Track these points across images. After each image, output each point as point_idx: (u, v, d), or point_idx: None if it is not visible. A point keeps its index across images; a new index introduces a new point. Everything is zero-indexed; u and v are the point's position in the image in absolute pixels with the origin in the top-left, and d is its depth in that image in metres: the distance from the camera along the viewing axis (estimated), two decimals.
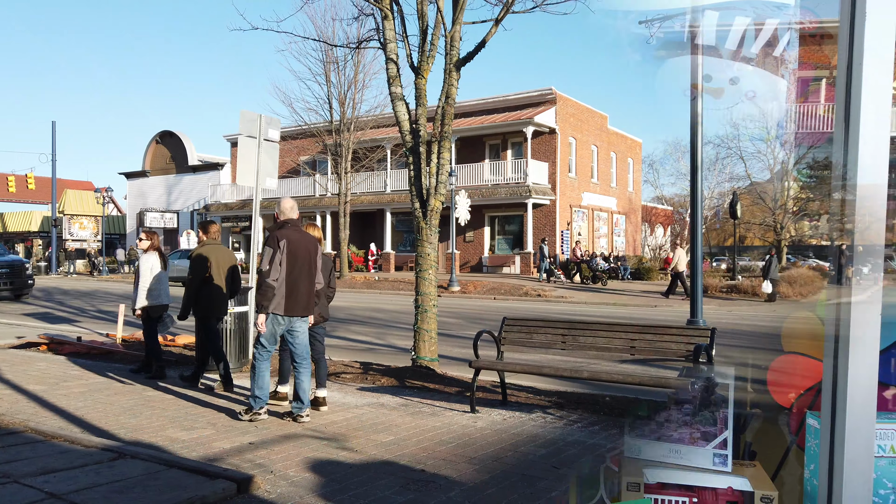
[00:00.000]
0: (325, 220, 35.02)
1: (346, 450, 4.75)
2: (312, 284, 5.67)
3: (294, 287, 5.50)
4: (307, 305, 5.64)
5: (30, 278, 20.27)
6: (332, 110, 27.50)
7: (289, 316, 5.53)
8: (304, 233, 5.73)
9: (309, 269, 5.62)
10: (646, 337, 5.85)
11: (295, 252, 5.50)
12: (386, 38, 7.93)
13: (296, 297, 5.52)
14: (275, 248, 5.42)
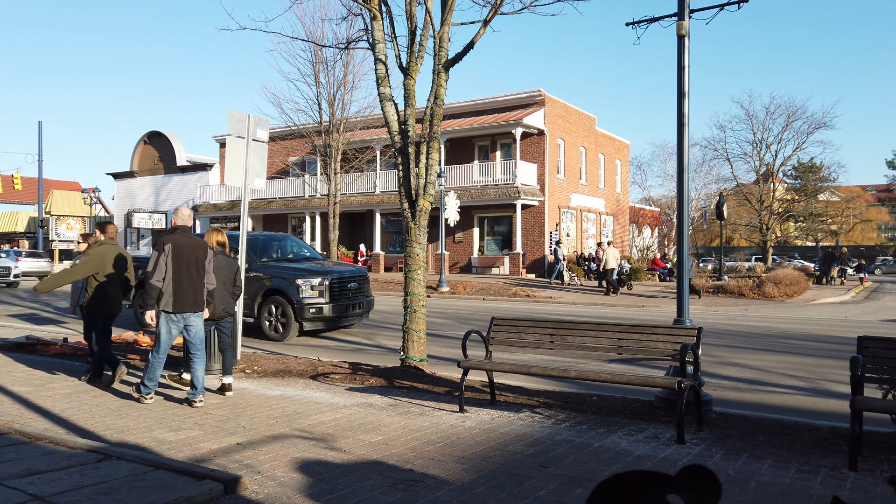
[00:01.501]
0: (315, 220, 34.91)
1: (334, 450, 4.75)
2: (201, 284, 6.27)
3: (181, 286, 6.10)
4: (196, 302, 6.22)
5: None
6: (321, 111, 27.40)
7: (178, 312, 6.12)
8: (193, 237, 6.36)
9: (197, 270, 6.23)
10: (633, 336, 5.88)
11: (180, 255, 6.12)
12: (375, 39, 7.93)
13: (183, 296, 6.12)
14: (160, 252, 6.08)
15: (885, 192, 76.39)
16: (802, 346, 11.19)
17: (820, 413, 6.38)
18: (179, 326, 6.18)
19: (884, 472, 4.35)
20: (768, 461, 4.56)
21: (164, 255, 6.05)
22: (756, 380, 8.17)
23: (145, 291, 6.06)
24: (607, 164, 37.62)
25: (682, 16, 5.94)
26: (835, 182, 52.30)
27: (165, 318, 6.10)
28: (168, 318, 6.10)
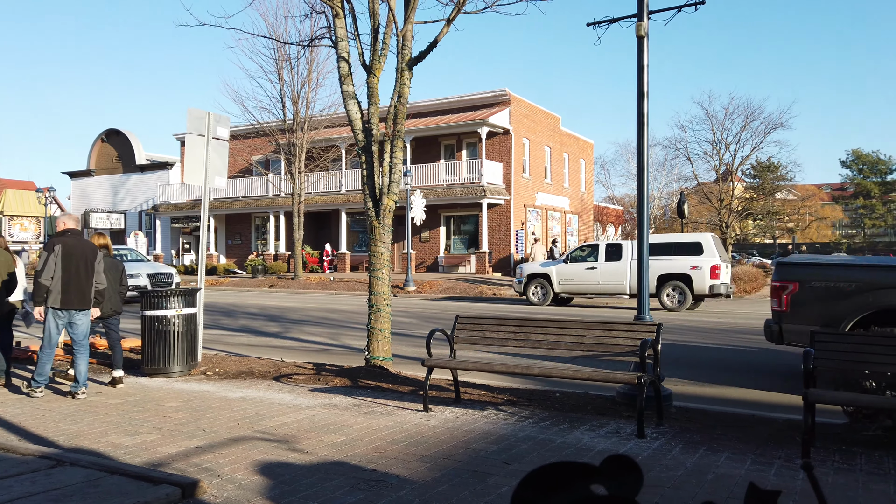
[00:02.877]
0: (279, 220, 34.51)
1: (296, 451, 4.70)
2: (89, 283, 6.61)
3: (68, 285, 6.43)
4: (83, 300, 6.57)
5: None
6: (284, 109, 27.12)
7: (66, 309, 6.47)
8: (82, 239, 6.74)
9: (86, 271, 6.57)
10: (594, 333, 5.95)
11: (70, 255, 6.46)
12: (337, 37, 7.86)
13: (70, 294, 6.46)
14: (49, 252, 6.44)
15: (839, 191, 78.92)
16: (759, 340, 11.47)
17: (777, 406, 6.55)
18: (65, 322, 6.54)
19: (835, 461, 4.49)
20: (725, 454, 4.66)
21: (54, 255, 6.40)
22: (715, 374, 8.34)
23: (34, 289, 6.42)
24: (572, 163, 38.03)
25: (641, 17, 6.03)
26: (791, 181, 53.79)
27: (52, 314, 6.44)
28: (55, 315, 6.46)
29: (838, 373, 5.06)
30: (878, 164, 76.40)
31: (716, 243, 17.09)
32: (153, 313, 7.58)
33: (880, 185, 75.61)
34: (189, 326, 7.76)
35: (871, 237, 77.79)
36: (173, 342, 7.59)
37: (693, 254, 16.75)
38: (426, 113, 32.88)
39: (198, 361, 8.13)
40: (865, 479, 4.13)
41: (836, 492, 3.90)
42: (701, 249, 16.76)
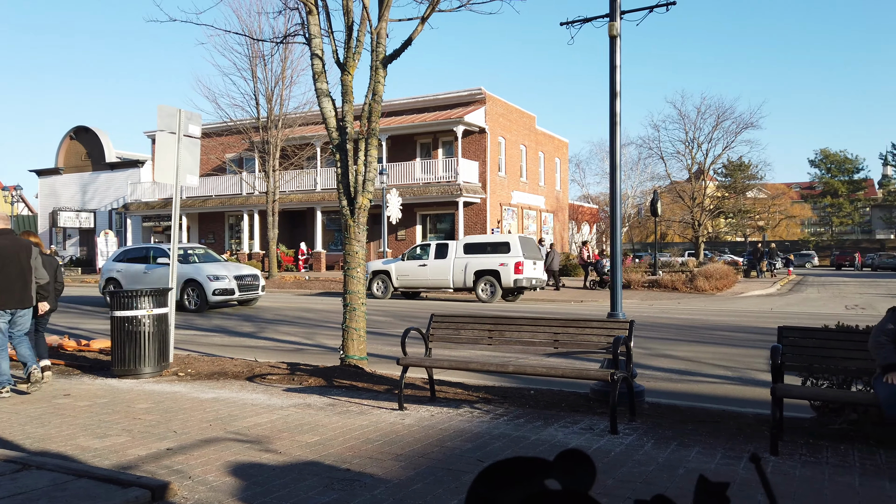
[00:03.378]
0: (253, 219, 34.17)
1: (269, 452, 4.66)
2: (25, 282, 6.67)
3: (7, 285, 6.52)
4: (22, 298, 6.67)
5: None
6: (258, 106, 26.84)
7: (4, 308, 6.55)
8: (15, 238, 6.77)
9: (21, 269, 6.65)
10: (568, 331, 6.00)
11: (4, 255, 6.52)
12: (311, 34, 7.80)
13: (9, 293, 6.55)
14: None
15: (808, 190, 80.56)
16: (731, 336, 11.66)
17: (746, 401, 6.66)
18: (7, 321, 6.64)
19: (802, 455, 4.58)
20: (696, 448, 4.73)
21: None
22: (687, 370, 8.46)
23: None
24: (547, 162, 38.26)
25: (613, 17, 6.09)
26: (762, 180, 54.76)
27: None
28: None
29: (805, 368, 5.16)
30: (846, 163, 78.16)
31: (524, 243, 19.17)
32: (123, 313, 7.45)
33: (847, 183, 77.38)
34: (160, 327, 7.64)
35: (838, 235, 79.56)
36: (144, 343, 7.47)
37: (502, 252, 18.83)
38: (402, 111, 32.81)
39: (169, 362, 8.02)
40: (831, 471, 4.22)
41: (804, 484, 3.98)
42: (509, 248, 18.86)
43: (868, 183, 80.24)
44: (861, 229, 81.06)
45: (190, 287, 16.60)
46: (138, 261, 17.71)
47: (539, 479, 0.52)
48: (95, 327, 13.16)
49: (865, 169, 78.92)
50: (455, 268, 19.23)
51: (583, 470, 0.54)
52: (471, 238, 20.20)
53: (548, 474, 0.53)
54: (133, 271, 17.46)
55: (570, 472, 0.54)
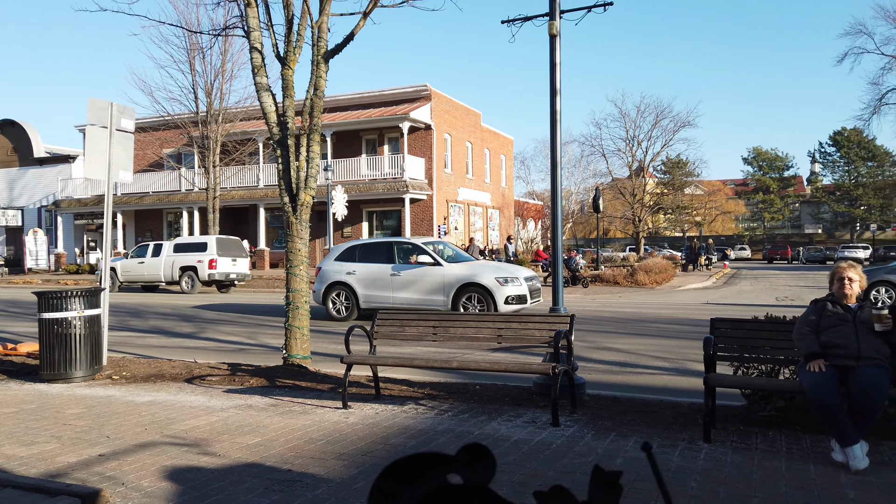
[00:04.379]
0: (193, 216, 33.22)
1: (207, 455, 4.54)
2: None
3: None
4: None
5: None
6: (197, 100, 26.11)
7: None
8: None
9: None
10: (511, 326, 6.07)
11: None
12: (249, 27, 7.63)
13: None
14: None
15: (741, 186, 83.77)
16: (668, 329, 12.03)
17: (682, 390, 6.88)
18: None
19: (734, 441, 4.76)
20: (634, 438, 4.86)
21: None
22: (627, 362, 8.69)
23: None
24: (493, 159, 38.57)
25: (553, 16, 6.18)
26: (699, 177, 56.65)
27: None
28: None
29: (736, 358, 5.37)
30: (776, 160, 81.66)
31: (221, 243, 22.38)
32: (52, 315, 7.13)
33: (778, 180, 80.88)
34: (92, 329, 7.35)
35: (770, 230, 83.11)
36: (75, 346, 7.17)
37: (200, 251, 22.08)
38: (347, 107, 32.48)
39: (103, 365, 7.72)
40: (760, 457, 4.41)
41: (734, 470, 4.14)
42: (206, 248, 22.17)
43: (797, 180, 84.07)
44: (791, 224, 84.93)
45: (469, 293, 12.45)
46: (378, 260, 13.53)
47: (442, 474, 0.52)
48: (24, 330, 12.55)
49: (795, 166, 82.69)
50: (165, 265, 22.43)
51: (484, 463, 0.54)
52: (180, 240, 23.78)
53: (450, 469, 0.53)
54: (374, 273, 13.38)
55: (471, 466, 0.54)
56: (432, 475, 0.50)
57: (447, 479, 0.51)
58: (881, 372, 4.23)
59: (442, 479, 0.50)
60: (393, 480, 0.50)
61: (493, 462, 0.53)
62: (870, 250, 54.01)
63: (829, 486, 3.83)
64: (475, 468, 0.52)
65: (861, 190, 73.72)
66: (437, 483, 0.49)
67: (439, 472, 0.50)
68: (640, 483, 3.92)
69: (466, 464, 0.53)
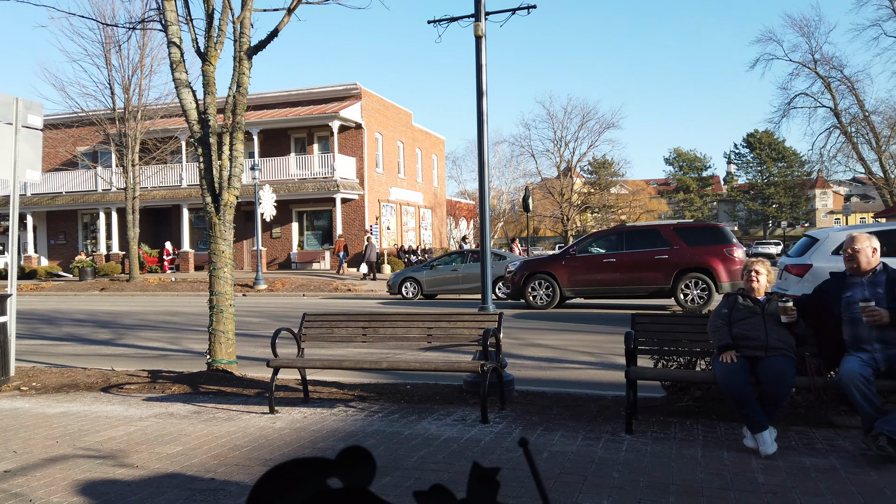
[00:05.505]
0: (111, 217, 31.73)
1: (124, 466, 4.34)
2: None
3: None
4: None
5: None
6: (114, 96, 24.95)
7: None
8: None
9: None
10: (441, 325, 6.09)
11: None
12: (168, 20, 7.34)
13: None
14: None
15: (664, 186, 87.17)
16: (594, 324, 12.37)
17: (608, 384, 7.09)
18: None
19: (654, 432, 4.94)
20: (560, 432, 4.97)
21: None
22: (555, 358, 8.88)
23: None
24: (424, 158, 38.63)
25: (478, 17, 6.24)
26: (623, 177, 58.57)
27: None
28: None
29: (656, 351, 5.58)
30: (696, 161, 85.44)
31: None
32: None
33: (697, 180, 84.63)
34: None
35: None
36: None
37: None
38: (274, 105, 31.79)
39: (10, 376, 7.26)
40: (678, 446, 4.59)
41: (654, 459, 4.30)
42: None
43: (715, 179, 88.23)
44: None
45: None
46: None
47: (321, 479, 0.51)
48: None
49: (712, 167, 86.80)
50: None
51: (363, 466, 0.54)
52: None
53: (330, 473, 0.53)
54: None
55: (351, 470, 0.53)
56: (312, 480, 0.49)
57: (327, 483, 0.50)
58: (787, 362, 4.48)
59: (321, 483, 0.49)
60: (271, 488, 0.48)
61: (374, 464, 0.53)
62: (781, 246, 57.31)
63: (741, 472, 4.03)
64: (355, 471, 0.51)
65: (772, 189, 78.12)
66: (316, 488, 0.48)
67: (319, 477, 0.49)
68: (564, 476, 4.01)
69: (346, 467, 0.52)
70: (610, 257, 14.84)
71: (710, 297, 13.68)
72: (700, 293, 13.82)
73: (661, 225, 15.63)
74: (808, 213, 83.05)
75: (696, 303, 13.76)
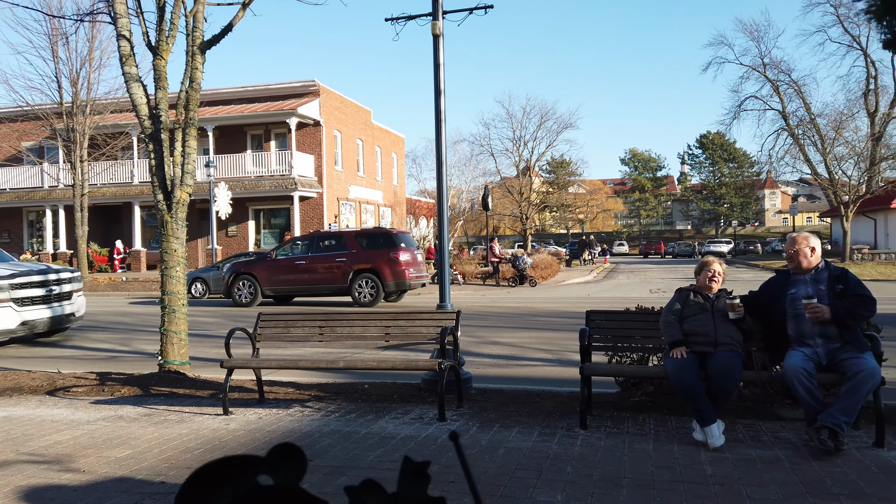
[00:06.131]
0: (58, 214, 30.69)
1: (70, 471, 4.21)
2: None
3: None
4: None
5: None
6: (61, 90, 24.12)
7: None
8: None
9: None
10: (399, 323, 6.07)
11: None
12: (117, 13, 7.13)
13: None
14: None
15: (620, 185, 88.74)
16: (552, 322, 12.54)
17: (564, 380, 7.18)
18: None
19: (607, 427, 5.03)
20: (516, 428, 5.02)
21: None
22: (513, 355, 8.95)
23: None
24: (384, 156, 38.46)
25: (436, 16, 6.23)
26: (581, 176, 59.41)
27: None
28: None
29: (610, 348, 5.68)
30: (650, 161, 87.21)
31: None
32: None
33: (652, 180, 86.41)
34: None
35: (645, 226, 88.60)
36: None
37: None
38: (230, 100, 31.20)
39: None
40: (631, 440, 4.69)
41: (607, 453, 4.38)
42: None
43: (669, 179, 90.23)
44: (664, 221, 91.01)
45: None
46: None
47: (251, 477, 0.51)
48: None
49: (667, 167, 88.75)
50: None
51: (294, 463, 0.53)
52: None
53: (259, 471, 0.52)
54: None
55: (281, 467, 0.53)
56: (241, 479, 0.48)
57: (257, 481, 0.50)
58: (735, 357, 4.62)
59: (252, 481, 0.49)
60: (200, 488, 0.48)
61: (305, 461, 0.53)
62: (732, 244, 58.98)
63: (690, 464, 4.13)
64: (286, 468, 0.51)
65: (724, 189, 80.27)
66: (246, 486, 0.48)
67: (249, 475, 0.49)
68: (520, 471, 4.05)
69: (277, 465, 0.52)
70: (301, 260, 16.45)
71: (378, 294, 15.89)
72: (370, 291, 15.91)
73: (345, 231, 17.84)
74: (757, 212, 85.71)
75: (367, 299, 15.73)
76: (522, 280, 22.31)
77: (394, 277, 15.91)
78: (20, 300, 9.72)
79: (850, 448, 4.31)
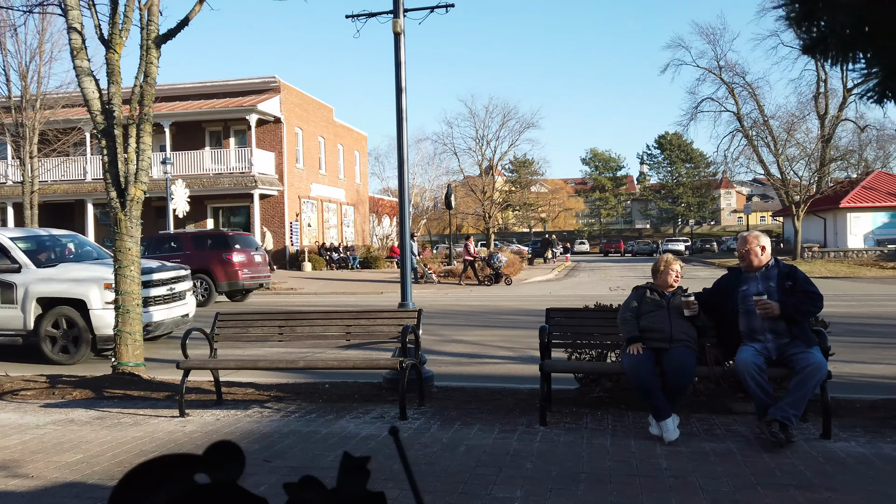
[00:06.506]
0: (7, 212, 29.62)
1: (18, 477, 4.08)
2: None
3: None
4: None
5: None
6: (9, 83, 23.26)
7: None
8: None
9: None
10: (360, 322, 6.04)
11: None
12: (67, 5, 6.92)
13: None
14: None
15: (581, 185, 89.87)
16: (514, 320, 12.63)
17: (525, 377, 7.23)
18: None
19: (567, 423, 5.10)
20: (477, 426, 5.04)
21: None
22: (475, 353, 8.99)
23: None
24: (346, 155, 38.17)
25: (397, 14, 6.22)
26: (543, 176, 59.96)
27: None
28: None
29: (570, 345, 5.75)
30: (610, 161, 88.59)
31: None
32: None
33: (612, 180, 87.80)
34: None
35: (606, 225, 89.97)
36: None
37: None
38: (188, 96, 30.55)
39: None
40: (589, 435, 4.76)
41: (566, 449, 4.44)
42: None
43: (629, 179, 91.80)
44: (624, 220, 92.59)
45: None
46: None
47: (188, 475, 0.50)
48: None
49: (626, 167, 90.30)
50: None
51: (232, 461, 0.53)
52: None
53: (197, 469, 0.52)
54: None
55: (218, 465, 0.53)
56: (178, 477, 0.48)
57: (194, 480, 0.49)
58: (689, 353, 4.73)
59: (188, 480, 0.48)
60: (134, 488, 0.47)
61: (242, 458, 0.53)
62: (689, 242, 60.29)
63: (646, 458, 4.22)
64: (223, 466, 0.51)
65: (681, 189, 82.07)
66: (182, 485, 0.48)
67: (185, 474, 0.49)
68: (480, 468, 4.08)
69: (214, 463, 0.51)
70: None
71: (211, 294, 16.45)
72: (203, 291, 16.25)
73: (183, 232, 18.65)
74: (713, 212, 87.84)
75: (200, 299, 15.85)
76: (498, 278, 22.15)
77: (226, 278, 16.45)
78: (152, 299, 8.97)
79: (799, 440, 4.45)
